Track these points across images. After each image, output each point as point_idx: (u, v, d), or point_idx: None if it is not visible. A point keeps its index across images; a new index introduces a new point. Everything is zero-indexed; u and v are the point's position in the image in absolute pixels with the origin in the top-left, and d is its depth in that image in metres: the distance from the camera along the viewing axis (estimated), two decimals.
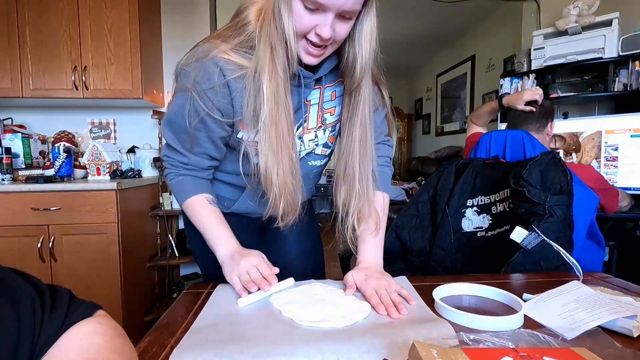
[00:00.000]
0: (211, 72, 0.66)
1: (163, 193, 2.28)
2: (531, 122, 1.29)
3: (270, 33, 0.62)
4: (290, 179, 0.69)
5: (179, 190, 0.79)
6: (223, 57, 0.65)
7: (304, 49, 0.64)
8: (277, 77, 0.64)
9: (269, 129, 0.66)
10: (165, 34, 2.43)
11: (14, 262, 1.76)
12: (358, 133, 0.73)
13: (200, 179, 0.80)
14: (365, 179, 0.75)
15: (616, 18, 2.12)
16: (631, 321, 0.53)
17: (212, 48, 0.66)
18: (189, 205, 0.78)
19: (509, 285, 0.76)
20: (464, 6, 3.28)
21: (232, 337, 0.53)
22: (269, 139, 0.66)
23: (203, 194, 0.78)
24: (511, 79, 2.60)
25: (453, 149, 4.32)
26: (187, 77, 0.68)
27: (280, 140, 0.66)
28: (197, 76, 0.66)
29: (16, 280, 0.39)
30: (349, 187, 0.75)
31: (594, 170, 1.43)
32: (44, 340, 0.38)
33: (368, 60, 0.68)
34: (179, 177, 0.79)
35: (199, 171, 0.80)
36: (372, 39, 0.67)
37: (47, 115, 2.39)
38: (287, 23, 0.60)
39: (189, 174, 0.79)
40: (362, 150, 0.74)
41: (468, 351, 0.40)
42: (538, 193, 0.89)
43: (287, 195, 0.70)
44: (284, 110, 0.66)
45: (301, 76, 0.69)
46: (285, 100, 0.66)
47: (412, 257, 1.18)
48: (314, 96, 0.76)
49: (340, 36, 0.63)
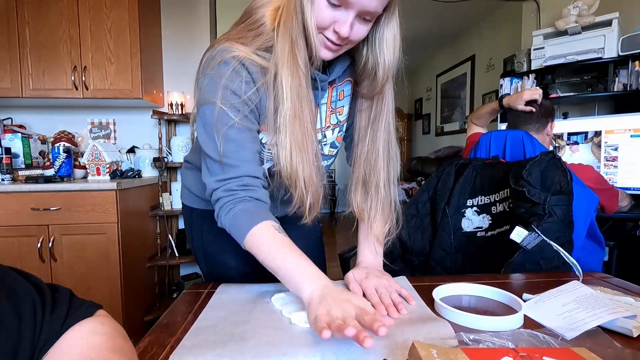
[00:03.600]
0: (232, 64, 0.63)
1: (163, 193, 2.28)
2: (531, 122, 1.29)
3: (292, 27, 0.62)
4: (315, 173, 0.68)
5: (242, 222, 0.64)
6: (245, 56, 0.64)
7: (322, 43, 0.63)
8: (299, 71, 0.63)
9: (292, 123, 0.64)
10: (165, 34, 2.43)
11: (13, 262, 1.75)
12: (382, 139, 0.73)
13: (263, 202, 0.68)
14: (389, 185, 0.76)
15: (616, 18, 2.12)
16: (631, 321, 0.53)
17: (232, 48, 0.64)
18: (254, 236, 0.63)
19: (509, 285, 0.76)
20: (464, 6, 3.28)
21: (232, 338, 0.53)
22: (292, 134, 0.64)
23: (269, 221, 0.65)
24: (511, 79, 2.60)
25: (453, 149, 4.31)
26: (209, 79, 0.64)
27: (305, 134, 0.65)
28: (221, 70, 0.63)
29: (17, 280, 0.40)
30: (373, 195, 0.76)
31: (593, 170, 1.44)
32: (45, 339, 0.38)
33: (391, 67, 0.67)
34: (240, 205, 0.66)
35: (256, 189, 0.68)
36: (395, 46, 0.66)
37: (47, 115, 2.39)
38: (309, 15, 0.60)
39: (249, 196, 0.66)
40: (386, 156, 0.74)
41: (468, 351, 0.40)
42: (538, 193, 0.89)
43: (314, 190, 0.68)
44: (307, 104, 0.65)
45: (317, 79, 0.69)
46: (308, 94, 0.65)
47: (412, 257, 1.18)
48: (323, 97, 0.76)
49: (358, 37, 0.63)
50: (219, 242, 0.79)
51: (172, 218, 2.42)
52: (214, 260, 0.90)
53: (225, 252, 0.83)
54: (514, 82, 2.58)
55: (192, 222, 0.91)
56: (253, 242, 0.63)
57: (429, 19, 3.79)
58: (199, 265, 0.96)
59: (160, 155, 2.32)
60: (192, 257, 2.28)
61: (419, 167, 4.81)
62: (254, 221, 0.64)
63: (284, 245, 0.63)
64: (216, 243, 0.86)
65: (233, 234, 0.66)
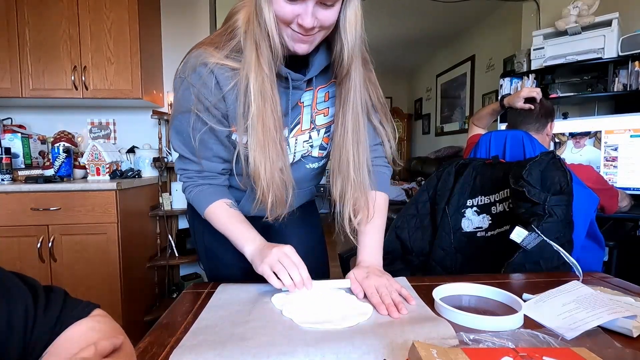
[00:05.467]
0: (205, 76, 0.68)
1: (163, 193, 2.28)
2: (531, 122, 1.29)
3: (253, 29, 0.63)
4: (278, 173, 0.70)
5: (198, 201, 0.79)
6: (215, 62, 0.67)
7: (292, 38, 0.63)
8: (262, 74, 0.65)
9: (257, 124, 0.67)
10: (165, 34, 2.43)
11: (13, 262, 1.76)
12: (350, 121, 0.72)
13: (218, 186, 0.81)
14: (359, 167, 0.75)
15: (616, 18, 2.12)
16: (631, 321, 0.53)
17: (204, 54, 0.68)
18: (210, 212, 0.78)
19: (509, 285, 0.76)
20: (464, 6, 3.28)
21: (232, 338, 0.53)
22: (256, 134, 0.67)
23: (223, 199, 0.79)
24: (511, 79, 2.60)
25: (453, 149, 4.32)
26: (183, 84, 0.70)
27: (267, 135, 0.67)
28: (193, 81, 0.69)
29: (12, 281, 0.41)
30: (344, 178, 0.75)
31: (593, 171, 1.44)
32: (37, 336, 0.39)
33: (354, 46, 0.66)
34: (197, 188, 0.80)
35: (214, 177, 0.80)
36: (357, 23, 0.64)
37: (47, 115, 2.39)
38: (267, 16, 0.61)
39: (205, 182, 0.80)
40: (355, 138, 0.74)
41: (468, 351, 0.40)
42: (538, 193, 0.89)
43: (275, 190, 0.71)
44: (270, 106, 0.67)
45: (289, 78, 0.70)
46: (272, 96, 0.67)
47: (412, 257, 1.18)
48: (306, 97, 0.76)
49: (327, 23, 0.62)
50: (221, 240, 0.79)
51: (172, 218, 2.42)
52: (215, 257, 0.91)
53: (227, 249, 0.83)
54: (514, 82, 2.58)
55: (195, 219, 0.92)
56: (210, 215, 0.78)
57: (429, 19, 3.79)
58: (201, 262, 0.97)
59: (160, 155, 2.32)
60: (192, 257, 2.29)
61: (419, 167, 4.82)
62: (211, 199, 0.78)
63: (231, 216, 0.77)
64: (218, 240, 0.86)
65: (196, 208, 0.81)
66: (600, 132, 1.98)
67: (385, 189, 0.86)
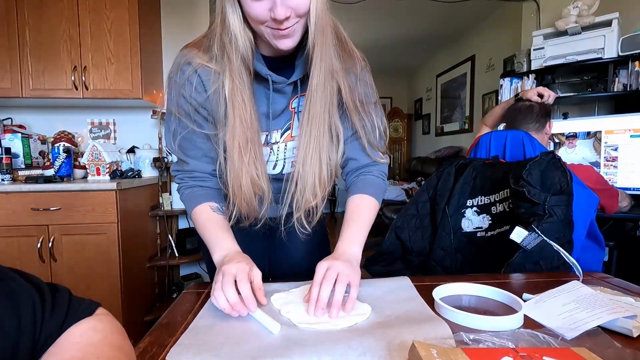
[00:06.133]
0: (187, 73, 0.69)
1: (163, 193, 2.28)
2: (530, 121, 1.29)
3: (222, 34, 0.64)
4: (246, 180, 0.70)
5: (187, 202, 0.79)
6: (199, 63, 0.68)
7: (272, 35, 0.62)
8: (233, 77, 0.65)
9: (228, 129, 0.68)
10: (165, 34, 2.43)
11: (13, 262, 1.76)
12: (310, 112, 0.69)
13: (207, 188, 0.79)
14: (317, 162, 0.72)
15: (616, 18, 2.12)
16: (631, 321, 0.53)
17: (189, 54, 0.69)
18: (194, 215, 0.77)
19: (509, 285, 0.76)
20: (464, 6, 3.28)
21: (229, 337, 0.53)
22: (227, 139, 0.68)
23: (208, 202, 0.77)
24: (511, 79, 2.60)
25: (453, 149, 4.32)
26: (170, 83, 0.72)
27: (234, 141, 0.68)
28: (178, 78, 0.70)
29: (16, 280, 0.40)
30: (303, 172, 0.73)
31: (593, 171, 1.44)
32: (45, 338, 0.38)
33: (316, 29, 0.62)
34: (187, 190, 0.79)
35: (204, 179, 0.79)
36: (318, 2, 0.61)
37: (47, 115, 2.39)
38: (232, 19, 0.61)
39: (196, 184, 0.79)
40: (313, 132, 0.70)
41: (468, 351, 0.40)
42: (538, 193, 0.89)
43: (244, 197, 0.71)
44: (240, 111, 0.67)
45: (270, 80, 0.69)
46: (242, 101, 0.67)
47: (412, 257, 1.18)
48: (301, 103, 0.74)
49: (301, 8, 0.60)
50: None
51: (172, 218, 2.42)
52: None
53: None
54: (514, 82, 2.59)
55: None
56: (194, 218, 0.78)
57: (429, 19, 3.79)
58: (205, 261, 0.97)
59: (160, 155, 2.33)
60: (192, 257, 2.29)
61: (419, 167, 4.82)
62: (196, 202, 0.77)
63: (211, 220, 0.75)
64: None
65: (186, 209, 0.80)
66: (600, 132, 1.98)
67: (376, 197, 0.81)
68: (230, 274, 0.60)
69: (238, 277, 0.60)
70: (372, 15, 3.60)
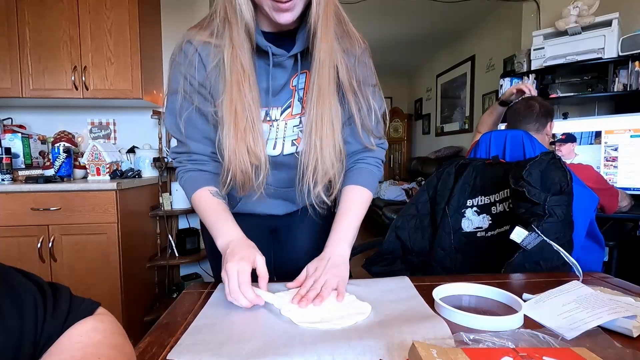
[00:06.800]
0: (189, 53, 0.70)
1: (163, 193, 2.28)
2: (531, 122, 1.29)
3: (226, 5, 0.65)
4: (242, 148, 0.69)
5: (187, 187, 0.79)
6: (199, 40, 0.70)
7: (272, 8, 0.63)
8: (234, 48, 0.66)
9: (226, 97, 0.68)
10: (165, 34, 2.43)
11: (13, 262, 1.74)
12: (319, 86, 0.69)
13: (207, 172, 0.79)
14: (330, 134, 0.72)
15: (616, 18, 2.12)
16: (631, 321, 0.53)
17: (190, 34, 0.71)
18: (194, 199, 0.77)
19: (509, 285, 0.76)
20: (464, 6, 3.28)
21: (230, 336, 0.53)
22: (225, 108, 0.68)
23: (207, 187, 0.77)
24: (511, 79, 2.60)
25: (453, 149, 4.32)
26: (172, 64, 0.74)
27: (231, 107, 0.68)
28: (178, 58, 0.72)
29: (18, 279, 0.40)
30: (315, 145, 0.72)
31: (593, 170, 1.44)
32: (46, 338, 0.38)
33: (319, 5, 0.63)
34: (187, 174, 0.79)
35: (204, 163, 0.79)
36: None
37: (47, 115, 2.39)
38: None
39: (195, 167, 0.79)
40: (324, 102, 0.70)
41: (468, 351, 0.40)
42: (538, 193, 0.89)
43: (239, 166, 0.70)
44: (239, 78, 0.67)
45: (270, 52, 0.69)
46: (242, 70, 0.67)
47: (412, 257, 1.18)
48: (301, 80, 0.75)
49: None
50: None
51: (172, 218, 2.42)
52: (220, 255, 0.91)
53: None
54: (514, 83, 2.58)
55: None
56: (194, 202, 0.78)
57: (429, 19, 3.79)
58: (210, 263, 0.98)
59: (160, 155, 2.33)
60: (192, 257, 2.29)
61: (419, 167, 4.82)
62: (196, 186, 0.77)
63: (212, 204, 0.76)
64: None
65: (185, 194, 0.80)
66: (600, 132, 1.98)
67: (370, 187, 0.82)
68: (233, 276, 0.63)
69: (240, 279, 0.62)
70: (372, 15, 3.60)
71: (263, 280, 0.65)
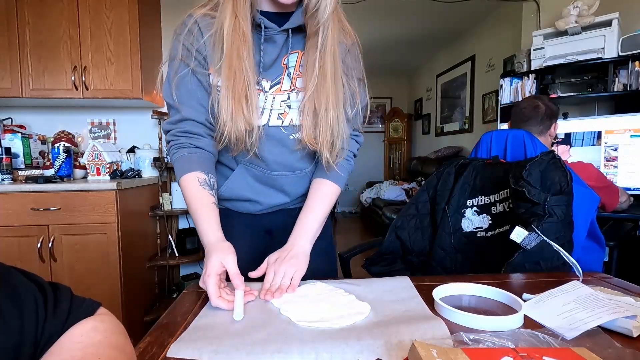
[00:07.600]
0: (189, 24, 0.75)
1: (163, 193, 2.28)
2: (535, 124, 1.29)
3: None
4: (238, 110, 0.72)
5: (178, 165, 0.79)
6: (199, 13, 0.75)
7: None
8: (234, 17, 0.70)
9: (228, 59, 0.70)
10: (165, 34, 2.43)
11: (13, 262, 1.74)
12: (329, 67, 0.74)
13: (200, 150, 0.79)
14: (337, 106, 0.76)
15: (616, 18, 2.12)
16: (631, 321, 0.53)
17: (192, 10, 0.76)
18: (182, 182, 0.78)
19: (509, 285, 0.76)
20: (464, 6, 3.28)
21: (229, 334, 0.53)
22: (223, 72, 0.71)
23: (197, 172, 0.77)
24: (511, 79, 2.60)
25: (453, 149, 4.31)
26: (174, 39, 0.77)
27: (231, 71, 0.70)
28: (179, 30, 0.76)
29: (19, 279, 0.40)
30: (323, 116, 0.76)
31: (593, 168, 1.44)
32: (47, 337, 0.38)
33: None
34: (179, 151, 0.79)
35: (198, 138, 0.79)
36: None
37: (47, 115, 2.39)
38: None
39: (188, 142, 0.78)
40: (334, 82, 0.75)
41: (468, 351, 0.40)
42: (538, 193, 0.89)
43: (235, 126, 0.72)
44: (239, 44, 0.70)
45: (263, 25, 0.73)
46: (242, 38, 0.70)
47: (412, 257, 1.18)
48: (292, 59, 0.78)
49: None
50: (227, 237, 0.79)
51: (172, 218, 2.42)
52: None
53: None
54: (513, 82, 2.59)
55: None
56: (182, 185, 0.78)
57: (429, 19, 3.78)
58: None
59: (160, 155, 2.33)
60: (192, 257, 2.29)
61: (419, 167, 4.82)
62: (186, 168, 0.77)
63: (198, 197, 0.76)
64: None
65: (175, 173, 0.81)
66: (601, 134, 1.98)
67: (339, 183, 0.86)
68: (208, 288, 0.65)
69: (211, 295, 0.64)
70: (372, 15, 3.60)
71: (235, 278, 0.66)
